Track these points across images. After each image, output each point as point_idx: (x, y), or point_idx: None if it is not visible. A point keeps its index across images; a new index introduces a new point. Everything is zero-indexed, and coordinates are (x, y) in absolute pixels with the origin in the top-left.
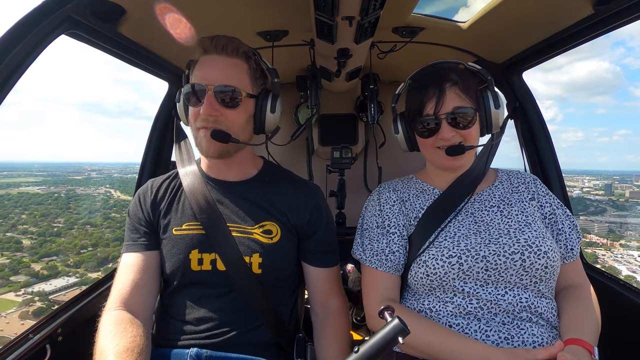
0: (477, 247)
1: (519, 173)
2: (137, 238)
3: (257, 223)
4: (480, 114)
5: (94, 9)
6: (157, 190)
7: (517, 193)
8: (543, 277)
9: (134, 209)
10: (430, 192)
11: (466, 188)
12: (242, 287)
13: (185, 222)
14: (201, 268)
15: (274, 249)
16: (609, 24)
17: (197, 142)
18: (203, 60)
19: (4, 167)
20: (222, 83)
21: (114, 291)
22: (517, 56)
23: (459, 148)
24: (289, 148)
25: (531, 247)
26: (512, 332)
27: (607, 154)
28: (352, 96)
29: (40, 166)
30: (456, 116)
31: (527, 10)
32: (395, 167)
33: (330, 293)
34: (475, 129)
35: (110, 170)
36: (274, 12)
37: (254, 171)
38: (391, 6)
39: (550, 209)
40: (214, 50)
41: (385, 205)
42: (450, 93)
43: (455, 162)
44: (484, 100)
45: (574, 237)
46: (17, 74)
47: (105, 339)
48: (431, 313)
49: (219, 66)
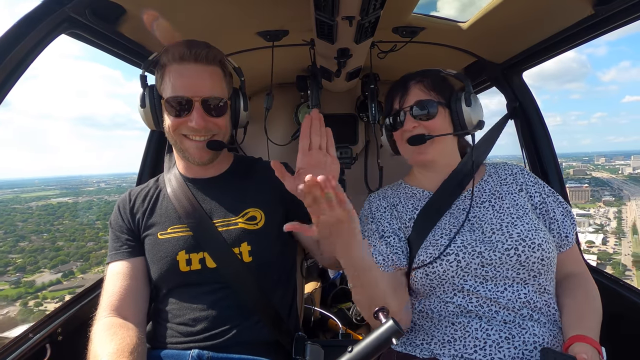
0: (472, 244)
1: (506, 165)
2: (119, 246)
3: (240, 212)
4: (452, 111)
5: (94, 9)
6: (136, 198)
7: (505, 185)
8: (541, 270)
9: (115, 218)
10: (420, 194)
11: (457, 186)
12: (234, 281)
13: (170, 226)
14: (190, 268)
15: (261, 234)
16: (609, 24)
17: (181, 149)
18: (180, 68)
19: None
20: (209, 94)
21: (103, 300)
22: (517, 56)
23: (418, 137)
24: (289, 148)
25: (524, 241)
26: (514, 331)
27: (588, 136)
28: (352, 96)
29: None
30: (418, 108)
31: (527, 10)
32: (396, 166)
33: None
34: (440, 122)
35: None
36: (274, 12)
37: (227, 164)
38: (391, 6)
39: (540, 198)
40: (193, 59)
41: (377, 212)
42: (414, 89)
43: (421, 155)
44: (456, 99)
45: (568, 224)
46: (17, 73)
47: (97, 345)
48: (432, 314)
49: (200, 76)
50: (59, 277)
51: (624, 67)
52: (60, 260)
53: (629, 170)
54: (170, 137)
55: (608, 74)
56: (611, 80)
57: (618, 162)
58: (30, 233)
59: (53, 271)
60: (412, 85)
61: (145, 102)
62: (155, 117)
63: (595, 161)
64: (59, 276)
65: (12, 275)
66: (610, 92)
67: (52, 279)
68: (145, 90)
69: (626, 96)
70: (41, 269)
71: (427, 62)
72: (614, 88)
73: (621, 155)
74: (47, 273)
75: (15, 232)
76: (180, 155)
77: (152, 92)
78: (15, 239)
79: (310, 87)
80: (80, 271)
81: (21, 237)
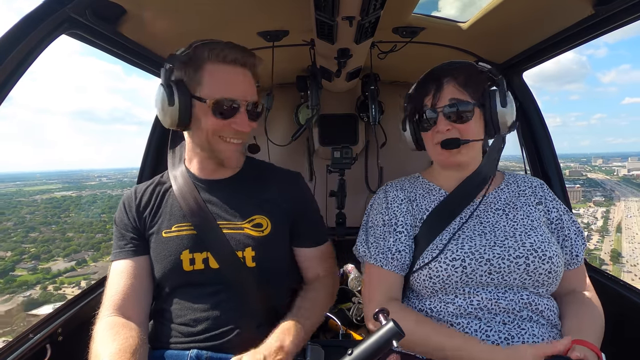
0: (481, 250)
1: (526, 177)
2: (124, 245)
3: (247, 218)
4: (485, 112)
5: (95, 9)
6: (142, 195)
7: (523, 197)
8: (545, 282)
9: (120, 216)
10: (437, 192)
11: (474, 189)
12: (236, 283)
13: (175, 224)
14: (193, 268)
15: (266, 242)
16: (609, 24)
17: (213, 151)
18: (227, 69)
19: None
20: (252, 100)
21: (106, 299)
22: (517, 56)
23: (453, 141)
24: (289, 148)
25: (536, 252)
26: (513, 332)
27: (587, 138)
28: (352, 96)
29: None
30: (452, 108)
31: (527, 10)
32: (396, 167)
33: (322, 269)
34: (474, 125)
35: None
36: (274, 12)
37: (238, 167)
38: (391, 6)
39: (557, 214)
40: (241, 63)
41: (393, 203)
42: (449, 87)
43: (451, 158)
44: (490, 97)
45: (579, 243)
46: (17, 73)
47: (98, 344)
48: (432, 313)
49: (247, 81)
50: (73, 264)
51: (624, 69)
52: (73, 250)
53: (624, 172)
54: (204, 138)
55: (608, 76)
56: (611, 82)
57: (615, 164)
58: (39, 225)
59: (67, 259)
60: (447, 82)
61: (175, 100)
62: (186, 116)
63: (593, 162)
64: (72, 264)
65: (28, 262)
66: (609, 93)
67: (67, 267)
68: (173, 86)
69: (626, 98)
70: (55, 257)
71: (427, 62)
72: (614, 90)
73: (619, 156)
74: (61, 261)
75: (25, 223)
76: (209, 156)
77: (181, 89)
78: (26, 229)
79: (310, 87)
80: (93, 260)
81: (31, 228)
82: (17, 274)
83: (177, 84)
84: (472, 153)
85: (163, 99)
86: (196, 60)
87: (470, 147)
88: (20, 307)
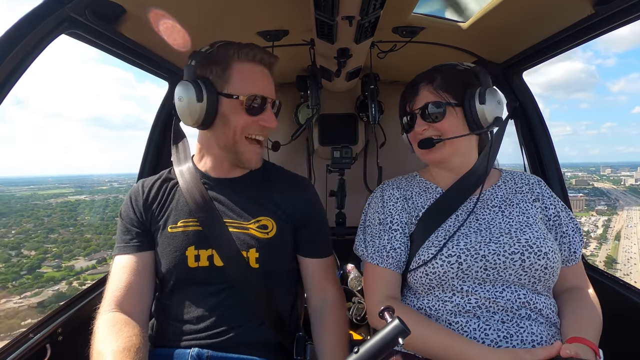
0: (476, 246)
1: (523, 174)
2: (129, 239)
3: (253, 218)
4: (465, 109)
5: (94, 9)
6: (149, 190)
7: (520, 194)
8: (542, 278)
9: (126, 209)
10: (433, 190)
11: (470, 187)
12: (240, 282)
13: (181, 220)
14: (198, 264)
15: (270, 244)
16: (609, 24)
17: (237, 151)
18: (255, 68)
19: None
20: (274, 97)
21: (108, 294)
22: (517, 56)
23: (427, 141)
24: (289, 148)
25: (531, 248)
26: (511, 330)
27: (597, 146)
28: (352, 96)
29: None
30: (426, 110)
31: (527, 10)
32: (396, 167)
33: (326, 282)
34: (449, 123)
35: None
36: (274, 12)
37: None
38: (391, 6)
39: (554, 210)
40: (268, 64)
41: (389, 202)
42: (423, 91)
43: (431, 155)
44: (469, 96)
45: (577, 240)
46: (17, 73)
47: (101, 341)
48: (430, 311)
49: (267, 80)
50: (94, 263)
51: (633, 78)
52: (93, 250)
53: (631, 182)
54: (230, 136)
55: (617, 84)
56: (620, 91)
57: (624, 174)
58: (57, 227)
59: (87, 258)
60: (422, 87)
61: (203, 97)
62: (212, 113)
63: (602, 172)
64: (93, 262)
65: (52, 261)
66: (619, 102)
67: (88, 265)
68: (202, 83)
69: (636, 107)
70: (76, 256)
71: (427, 62)
72: (624, 98)
73: (628, 166)
74: (82, 260)
75: (44, 225)
76: (229, 156)
77: (208, 86)
78: (46, 231)
79: (310, 87)
80: (112, 259)
81: (50, 230)
82: (44, 270)
83: (204, 81)
84: (452, 149)
85: (190, 96)
86: (223, 59)
87: (449, 143)
88: (50, 300)
